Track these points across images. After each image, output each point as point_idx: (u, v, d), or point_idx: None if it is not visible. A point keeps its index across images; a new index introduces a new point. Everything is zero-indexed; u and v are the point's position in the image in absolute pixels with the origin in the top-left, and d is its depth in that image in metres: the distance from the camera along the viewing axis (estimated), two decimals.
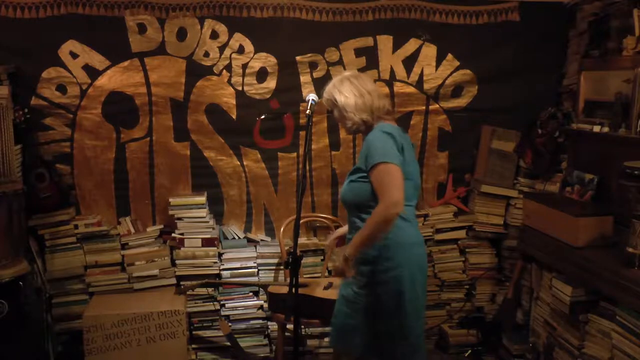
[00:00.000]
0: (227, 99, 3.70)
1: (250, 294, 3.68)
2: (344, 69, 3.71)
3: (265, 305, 3.66)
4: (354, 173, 2.41)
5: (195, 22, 3.59)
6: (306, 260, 3.69)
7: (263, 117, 3.73)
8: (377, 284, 2.35)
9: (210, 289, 3.63)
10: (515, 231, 3.69)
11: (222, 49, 3.64)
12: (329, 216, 3.81)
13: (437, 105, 3.85)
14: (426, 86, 3.81)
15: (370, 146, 2.32)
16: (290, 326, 3.25)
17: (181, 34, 3.60)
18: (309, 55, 3.70)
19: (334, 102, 2.50)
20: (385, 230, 2.25)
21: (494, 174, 3.83)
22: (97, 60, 3.56)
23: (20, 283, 3.03)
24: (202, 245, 3.61)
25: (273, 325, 3.67)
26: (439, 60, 3.78)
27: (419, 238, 2.46)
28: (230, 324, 3.65)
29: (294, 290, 2.39)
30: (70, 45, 3.52)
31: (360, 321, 2.41)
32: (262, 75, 3.70)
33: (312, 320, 3.18)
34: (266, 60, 3.67)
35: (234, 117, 3.72)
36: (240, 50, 3.65)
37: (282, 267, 3.66)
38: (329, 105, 2.53)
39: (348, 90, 2.45)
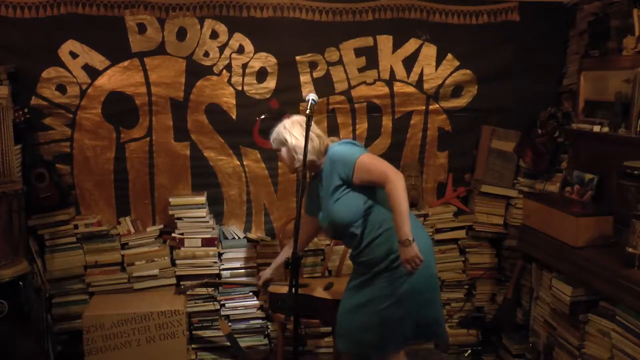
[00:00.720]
0: (227, 99, 3.70)
1: (250, 293, 3.68)
2: (344, 68, 3.72)
3: (266, 305, 3.66)
4: (334, 192, 2.53)
5: (195, 22, 3.59)
6: (306, 260, 3.69)
7: (263, 117, 3.73)
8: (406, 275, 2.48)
9: (210, 289, 3.63)
10: (515, 231, 3.69)
11: (222, 48, 3.64)
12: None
13: (437, 105, 3.85)
14: (426, 86, 3.81)
15: (340, 157, 2.54)
16: (290, 326, 3.25)
17: (181, 34, 3.60)
18: (309, 55, 3.70)
19: (283, 142, 2.66)
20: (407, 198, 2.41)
21: (494, 173, 3.83)
22: (97, 60, 3.56)
23: (20, 283, 3.03)
24: (202, 245, 3.61)
25: (273, 325, 3.67)
26: (439, 60, 3.78)
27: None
28: (230, 324, 3.65)
29: (294, 290, 2.39)
30: (70, 45, 3.52)
31: (404, 315, 2.52)
32: (262, 75, 3.70)
33: (312, 321, 3.18)
34: (266, 60, 3.67)
35: (234, 117, 3.72)
36: (240, 50, 3.65)
37: (282, 267, 3.66)
38: (278, 145, 2.69)
39: (299, 133, 2.62)
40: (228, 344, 3.63)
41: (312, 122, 2.56)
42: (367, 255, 2.55)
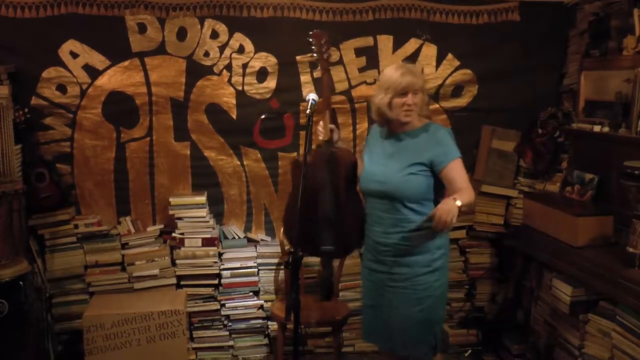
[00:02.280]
0: (227, 99, 3.70)
1: (250, 293, 3.68)
2: (344, 68, 3.72)
3: (266, 305, 3.66)
4: (412, 165, 2.47)
5: (196, 21, 3.59)
6: (306, 260, 3.69)
7: (263, 116, 3.73)
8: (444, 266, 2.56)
9: (210, 289, 3.63)
10: (516, 231, 3.68)
11: (222, 48, 3.64)
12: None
13: (437, 105, 3.85)
14: (426, 86, 3.80)
15: (445, 143, 2.50)
16: (290, 326, 3.25)
17: (181, 34, 3.60)
18: (309, 55, 3.69)
19: (422, 87, 2.55)
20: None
21: (494, 173, 3.82)
22: (97, 60, 3.56)
23: (21, 283, 3.03)
24: (202, 245, 3.61)
25: (273, 325, 3.68)
26: (439, 60, 3.78)
27: None
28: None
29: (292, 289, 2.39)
30: (71, 45, 3.52)
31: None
32: (262, 75, 3.70)
33: None
34: (266, 60, 3.67)
35: (234, 116, 3.72)
36: (241, 50, 3.65)
37: (282, 267, 3.66)
38: (415, 89, 2.48)
39: None
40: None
41: None
42: (406, 241, 2.49)
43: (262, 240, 3.83)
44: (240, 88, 3.69)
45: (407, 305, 2.50)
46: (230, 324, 3.68)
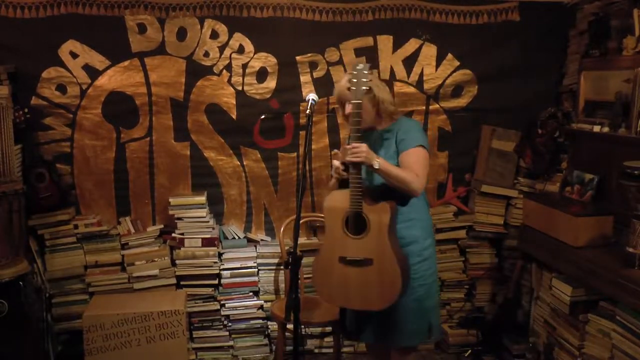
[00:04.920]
0: (227, 99, 3.70)
1: (250, 293, 3.68)
2: (344, 68, 3.71)
3: (266, 305, 3.66)
4: (391, 157, 2.48)
5: (195, 22, 3.59)
6: (306, 260, 3.68)
7: (263, 117, 3.73)
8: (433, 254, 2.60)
9: (210, 289, 3.63)
10: (515, 231, 3.69)
11: (222, 48, 3.64)
12: None
13: (437, 105, 3.85)
14: (426, 86, 3.81)
15: (411, 130, 2.52)
16: (290, 326, 3.25)
17: (181, 34, 3.60)
18: (309, 55, 3.70)
19: (368, 90, 2.49)
20: (401, 188, 2.39)
21: (494, 173, 3.83)
22: (97, 60, 3.56)
23: (21, 283, 3.03)
24: (202, 245, 3.61)
25: (273, 325, 3.68)
26: (439, 60, 3.78)
27: None
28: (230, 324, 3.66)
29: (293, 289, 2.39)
30: (71, 45, 3.52)
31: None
32: (262, 75, 3.70)
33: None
34: (266, 60, 3.67)
35: (234, 117, 3.72)
36: (240, 50, 3.65)
37: (282, 267, 3.66)
38: (359, 95, 2.42)
39: (384, 85, 2.58)
40: (229, 344, 3.63)
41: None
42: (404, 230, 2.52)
43: (262, 240, 3.84)
44: (240, 88, 3.69)
45: (402, 296, 2.49)
46: (230, 324, 3.68)
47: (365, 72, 2.39)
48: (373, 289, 2.41)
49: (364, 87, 2.39)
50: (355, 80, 2.39)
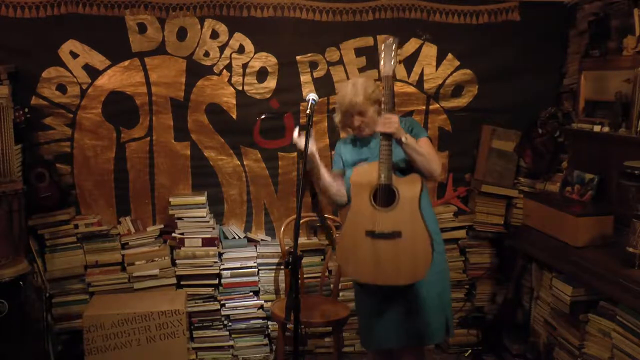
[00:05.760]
0: (227, 99, 3.70)
1: (251, 293, 3.68)
2: (344, 68, 3.72)
3: (266, 305, 3.66)
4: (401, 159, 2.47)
5: (196, 21, 3.59)
6: (306, 260, 3.69)
7: (263, 116, 3.73)
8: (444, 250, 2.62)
9: (210, 289, 3.63)
10: (516, 231, 3.69)
11: (222, 48, 3.64)
12: (330, 216, 3.80)
13: (438, 105, 3.85)
14: (426, 86, 3.81)
15: (416, 124, 2.56)
16: (290, 326, 3.25)
17: (181, 34, 3.60)
18: (309, 55, 3.70)
19: (375, 101, 2.52)
20: (424, 166, 2.38)
21: (494, 173, 3.82)
22: (97, 60, 3.56)
23: (21, 283, 3.03)
24: (202, 245, 3.61)
25: (273, 325, 3.68)
26: (439, 60, 3.79)
27: None
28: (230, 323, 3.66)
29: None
30: (71, 45, 3.52)
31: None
32: (262, 75, 3.70)
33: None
34: (266, 60, 3.67)
35: (234, 116, 3.72)
36: (241, 50, 3.65)
37: (282, 267, 3.66)
38: (365, 107, 2.48)
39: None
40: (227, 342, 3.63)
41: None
42: None
43: (262, 240, 3.84)
44: (240, 88, 3.69)
45: (425, 293, 2.48)
46: (230, 324, 3.68)
47: (394, 47, 2.45)
48: (404, 261, 2.35)
49: (394, 62, 2.42)
50: (384, 55, 2.44)
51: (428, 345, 2.59)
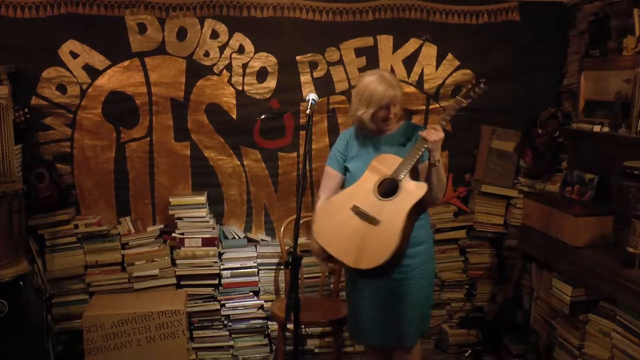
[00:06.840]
0: (228, 99, 3.70)
1: (251, 293, 3.68)
2: (344, 68, 3.72)
3: (266, 305, 3.66)
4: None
5: (196, 21, 3.59)
6: (306, 260, 3.69)
7: (263, 116, 3.73)
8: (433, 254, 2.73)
9: (210, 289, 3.63)
10: (515, 231, 3.69)
11: (222, 48, 3.64)
12: None
13: (438, 105, 3.86)
14: (426, 86, 3.81)
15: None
16: (290, 326, 3.25)
17: (181, 34, 3.60)
18: (309, 55, 3.70)
19: (399, 97, 2.59)
20: (435, 189, 2.55)
21: (494, 173, 3.83)
22: (97, 60, 3.56)
23: (21, 283, 3.03)
24: (202, 245, 3.61)
25: (273, 325, 3.68)
26: (439, 60, 3.79)
27: None
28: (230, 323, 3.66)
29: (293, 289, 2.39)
30: (71, 45, 3.52)
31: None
32: (262, 75, 3.70)
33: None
34: (266, 60, 3.67)
35: (234, 116, 3.72)
36: (241, 50, 3.65)
37: (282, 267, 3.66)
38: (392, 101, 2.54)
39: None
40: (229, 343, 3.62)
41: None
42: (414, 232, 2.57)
43: (262, 240, 3.84)
44: (240, 88, 3.69)
45: (415, 295, 2.56)
46: (230, 324, 3.68)
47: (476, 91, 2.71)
48: (368, 246, 2.44)
49: (471, 100, 2.72)
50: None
51: (405, 346, 2.63)
